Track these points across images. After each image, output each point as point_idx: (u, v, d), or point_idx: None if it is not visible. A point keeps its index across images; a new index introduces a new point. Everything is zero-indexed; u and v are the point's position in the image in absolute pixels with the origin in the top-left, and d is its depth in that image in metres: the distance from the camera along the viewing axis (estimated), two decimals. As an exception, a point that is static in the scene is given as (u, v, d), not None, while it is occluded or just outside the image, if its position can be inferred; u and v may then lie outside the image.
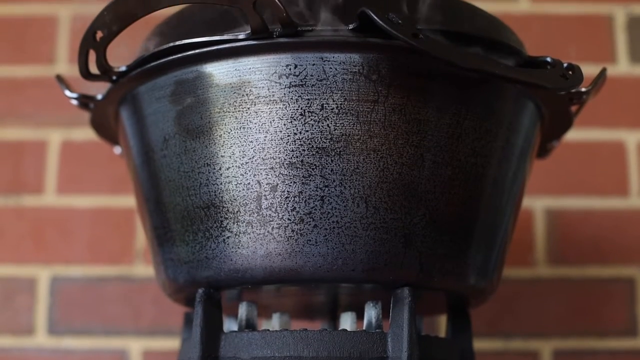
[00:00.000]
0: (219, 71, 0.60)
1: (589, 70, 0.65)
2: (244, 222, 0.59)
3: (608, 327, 0.98)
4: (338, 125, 0.58)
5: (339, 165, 0.58)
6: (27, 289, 0.99)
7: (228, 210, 0.60)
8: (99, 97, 0.68)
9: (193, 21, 0.62)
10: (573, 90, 0.64)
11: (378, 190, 0.58)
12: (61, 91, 0.70)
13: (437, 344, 0.64)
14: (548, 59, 0.61)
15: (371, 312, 0.62)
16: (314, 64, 0.58)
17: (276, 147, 0.58)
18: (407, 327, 0.58)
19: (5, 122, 1.03)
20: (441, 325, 0.95)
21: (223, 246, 0.60)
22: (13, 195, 1.02)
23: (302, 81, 0.58)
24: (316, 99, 0.58)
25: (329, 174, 0.58)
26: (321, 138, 0.58)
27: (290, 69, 0.58)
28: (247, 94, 0.59)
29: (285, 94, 0.58)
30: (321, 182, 0.58)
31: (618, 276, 0.99)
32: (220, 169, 0.60)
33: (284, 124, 0.58)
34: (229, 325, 0.73)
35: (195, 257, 0.61)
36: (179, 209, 0.62)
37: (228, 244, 0.60)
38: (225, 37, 0.58)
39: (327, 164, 0.58)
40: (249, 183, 0.59)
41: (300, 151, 0.58)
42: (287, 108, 0.58)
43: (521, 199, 0.69)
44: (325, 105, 0.58)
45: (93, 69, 0.63)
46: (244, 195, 0.59)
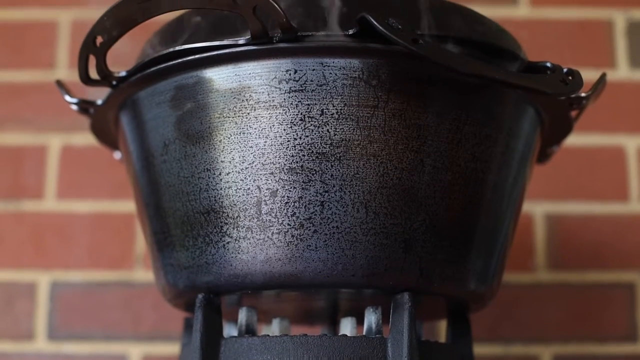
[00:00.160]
0: (219, 76, 0.60)
1: (589, 75, 0.65)
2: (244, 228, 0.59)
3: (608, 333, 0.98)
4: (338, 130, 0.58)
5: (339, 170, 0.58)
6: (27, 294, 0.99)
7: (228, 215, 0.60)
8: (99, 102, 0.68)
9: (193, 26, 0.62)
10: (573, 95, 0.64)
11: (378, 195, 0.58)
12: (61, 96, 0.70)
13: (437, 349, 0.64)
14: (548, 64, 0.61)
15: (371, 318, 0.62)
16: (314, 69, 0.58)
17: (276, 153, 0.58)
18: (407, 333, 0.58)
19: (5, 127, 1.03)
20: (441, 330, 0.95)
21: (223, 251, 0.60)
22: (13, 200, 1.01)
23: (302, 86, 0.58)
24: (316, 104, 0.58)
25: (329, 179, 0.58)
26: (321, 143, 0.58)
27: (290, 74, 0.58)
28: (247, 99, 0.59)
29: (285, 99, 0.58)
30: (321, 188, 0.58)
31: (618, 281, 0.99)
32: (220, 174, 0.60)
33: (284, 129, 0.58)
34: (229, 330, 0.73)
35: (195, 263, 0.61)
36: (179, 214, 0.62)
37: (228, 249, 0.60)
38: (225, 43, 0.58)
39: (327, 169, 0.58)
40: (249, 188, 0.59)
41: (300, 156, 0.58)
42: (287, 113, 0.58)
43: (521, 204, 0.69)
44: (325, 110, 0.58)
45: (93, 74, 0.63)
46: (244, 200, 0.59)
